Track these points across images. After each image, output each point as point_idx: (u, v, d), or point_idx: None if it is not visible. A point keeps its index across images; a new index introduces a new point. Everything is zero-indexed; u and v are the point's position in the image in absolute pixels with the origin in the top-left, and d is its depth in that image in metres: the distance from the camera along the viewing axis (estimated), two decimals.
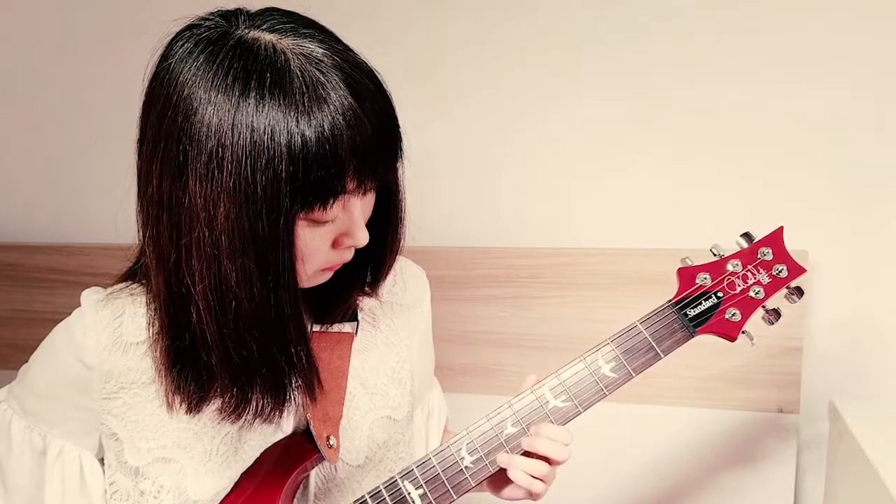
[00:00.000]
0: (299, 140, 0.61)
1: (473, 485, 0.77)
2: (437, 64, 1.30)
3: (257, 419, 0.74)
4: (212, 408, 0.74)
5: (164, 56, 0.66)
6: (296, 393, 0.75)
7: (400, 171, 0.74)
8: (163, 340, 0.71)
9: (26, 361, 0.80)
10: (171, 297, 0.68)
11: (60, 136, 1.55)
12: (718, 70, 1.16)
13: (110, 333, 0.75)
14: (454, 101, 1.30)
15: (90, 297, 0.77)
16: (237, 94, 0.61)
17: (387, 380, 0.86)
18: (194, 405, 0.73)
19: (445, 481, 0.77)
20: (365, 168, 0.65)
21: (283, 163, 0.61)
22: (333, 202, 0.65)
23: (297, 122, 0.61)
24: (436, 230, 1.31)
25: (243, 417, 0.73)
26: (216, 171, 0.62)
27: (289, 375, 0.71)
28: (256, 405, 0.72)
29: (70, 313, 0.77)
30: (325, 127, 0.62)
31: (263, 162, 0.61)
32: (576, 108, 1.24)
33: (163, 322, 0.71)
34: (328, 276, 0.74)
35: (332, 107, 0.62)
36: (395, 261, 0.80)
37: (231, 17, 0.66)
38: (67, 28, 1.50)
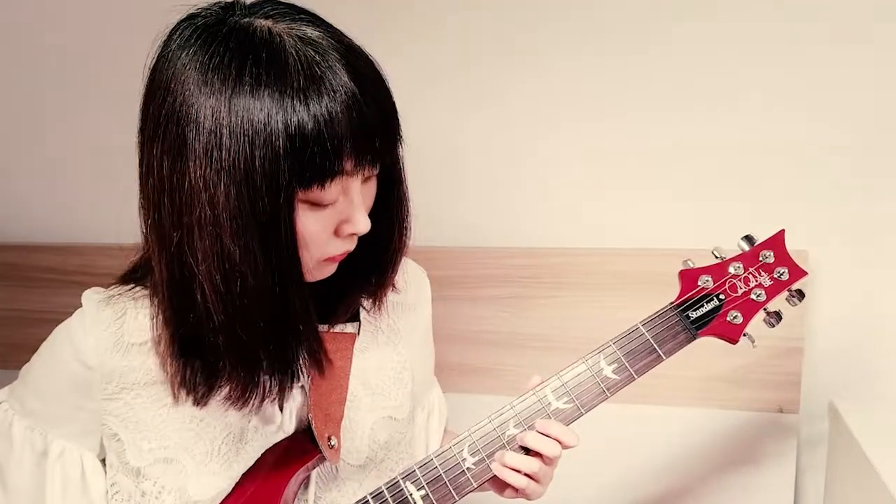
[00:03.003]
0: (295, 118, 0.62)
1: (475, 486, 0.77)
2: (437, 65, 1.29)
3: (265, 402, 0.74)
4: (218, 399, 0.74)
5: (164, 45, 0.67)
6: (303, 370, 0.75)
7: (400, 159, 0.74)
8: (168, 330, 0.72)
9: (26, 361, 0.80)
10: (174, 281, 0.68)
11: (60, 136, 1.55)
12: (719, 70, 1.16)
13: (111, 334, 0.75)
14: (453, 103, 1.30)
15: (91, 297, 0.77)
16: (234, 74, 0.62)
17: (388, 380, 0.86)
18: (200, 396, 0.73)
19: (447, 482, 0.77)
20: (362, 147, 0.65)
21: (281, 140, 0.62)
22: (331, 181, 0.65)
23: (293, 100, 0.62)
24: (436, 230, 1.31)
25: (251, 402, 0.73)
26: (215, 151, 0.62)
27: (295, 350, 0.72)
28: (264, 387, 0.73)
29: (70, 313, 0.77)
30: (322, 106, 0.62)
31: (261, 140, 0.62)
32: (575, 108, 1.24)
33: (167, 311, 0.71)
34: (332, 268, 0.74)
35: (328, 85, 0.63)
36: (400, 262, 0.80)
37: (228, 7, 0.68)
38: (67, 27, 1.50)
